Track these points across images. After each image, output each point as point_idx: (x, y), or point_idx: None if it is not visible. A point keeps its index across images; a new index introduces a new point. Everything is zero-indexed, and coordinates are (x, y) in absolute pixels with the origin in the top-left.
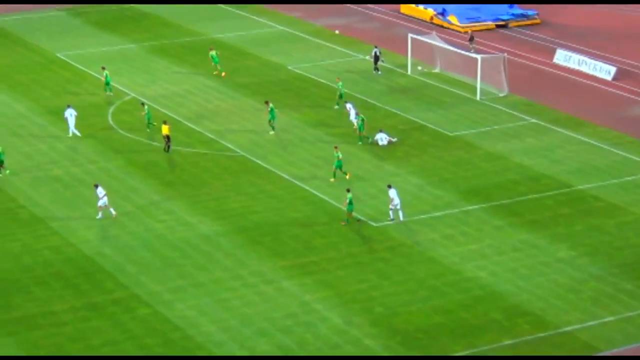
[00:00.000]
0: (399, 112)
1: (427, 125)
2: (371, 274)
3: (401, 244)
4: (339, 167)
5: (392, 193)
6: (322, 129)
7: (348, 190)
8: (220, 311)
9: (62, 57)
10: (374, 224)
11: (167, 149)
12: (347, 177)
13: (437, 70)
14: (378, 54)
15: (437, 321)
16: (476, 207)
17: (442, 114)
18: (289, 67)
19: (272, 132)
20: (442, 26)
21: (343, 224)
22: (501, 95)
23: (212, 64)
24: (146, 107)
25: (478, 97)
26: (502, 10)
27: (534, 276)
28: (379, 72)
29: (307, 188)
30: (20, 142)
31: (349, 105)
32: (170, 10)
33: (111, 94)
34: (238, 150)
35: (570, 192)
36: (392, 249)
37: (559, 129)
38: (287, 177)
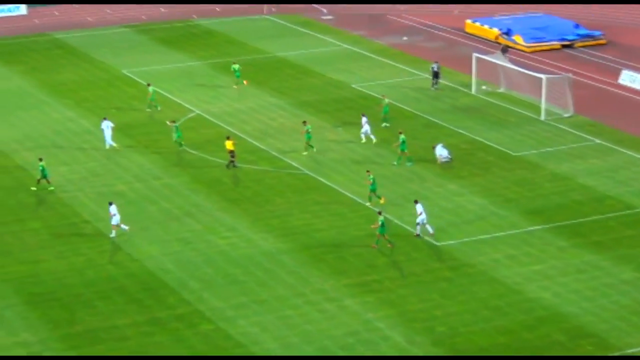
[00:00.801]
0: (462, 132)
1: (491, 145)
2: (433, 293)
3: (464, 263)
4: (374, 190)
5: (419, 208)
6: (386, 147)
7: (380, 213)
8: (283, 328)
9: (128, 74)
10: (437, 244)
11: (230, 164)
12: (382, 202)
13: (501, 89)
14: (437, 69)
15: (500, 342)
16: (540, 227)
17: (506, 134)
18: (353, 85)
19: (305, 153)
20: (507, 46)
21: (374, 246)
22: (566, 115)
23: (235, 77)
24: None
25: (542, 117)
26: (568, 30)
27: (597, 298)
28: (437, 88)
29: (369, 206)
30: (85, 158)
31: (364, 120)
32: (235, 28)
33: (149, 110)
34: (302, 168)
35: (634, 213)
36: (454, 269)
37: (623, 150)
38: (350, 195)
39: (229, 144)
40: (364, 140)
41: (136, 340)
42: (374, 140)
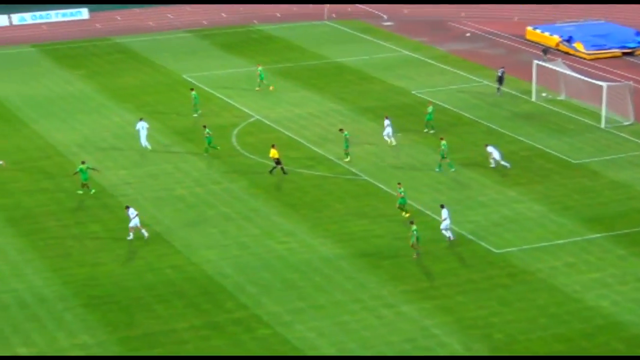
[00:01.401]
0: (522, 139)
1: (551, 152)
2: (491, 301)
3: (522, 270)
4: (403, 203)
5: (444, 213)
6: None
7: (412, 223)
8: (340, 334)
9: (188, 79)
10: (496, 251)
11: (277, 170)
12: (407, 215)
13: (562, 97)
14: (501, 74)
15: (558, 349)
16: (599, 235)
17: (566, 141)
18: (413, 92)
19: (347, 159)
20: (567, 53)
21: (415, 257)
22: (626, 123)
23: (258, 80)
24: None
25: (603, 125)
26: (629, 37)
27: None
28: (500, 93)
29: (429, 213)
30: (144, 162)
31: (387, 122)
32: (296, 34)
33: (196, 115)
34: (360, 174)
35: None
36: (512, 276)
37: None
38: (408, 201)
39: (273, 152)
40: (388, 142)
41: (194, 344)
42: (393, 143)
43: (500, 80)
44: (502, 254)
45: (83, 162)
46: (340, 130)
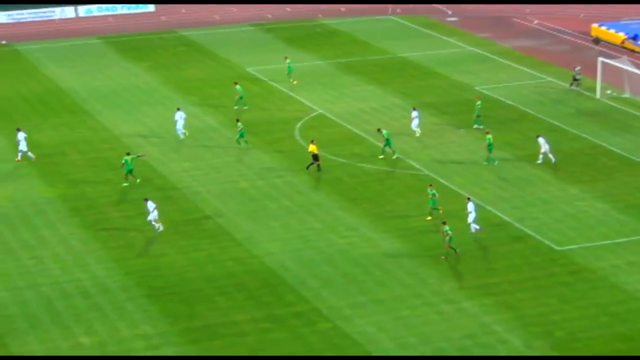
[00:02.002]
0: (586, 136)
1: (614, 150)
2: (552, 298)
3: (584, 268)
4: (434, 205)
5: (470, 207)
6: (508, 151)
7: (444, 223)
8: (400, 328)
9: (252, 72)
10: (557, 248)
11: (310, 167)
12: (429, 218)
13: (626, 95)
14: (576, 73)
15: (619, 348)
16: None
17: (630, 139)
18: (476, 88)
19: (381, 157)
20: (633, 50)
21: (444, 258)
22: None
23: (287, 73)
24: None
25: None
26: None
27: None
28: (575, 86)
29: (490, 209)
30: (208, 155)
31: (415, 113)
32: (360, 28)
33: (245, 108)
34: (422, 169)
35: None
36: (574, 274)
37: None
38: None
39: (312, 148)
40: (416, 133)
41: (254, 337)
42: (417, 134)
43: (575, 78)
44: (563, 251)
45: (128, 154)
46: (379, 130)
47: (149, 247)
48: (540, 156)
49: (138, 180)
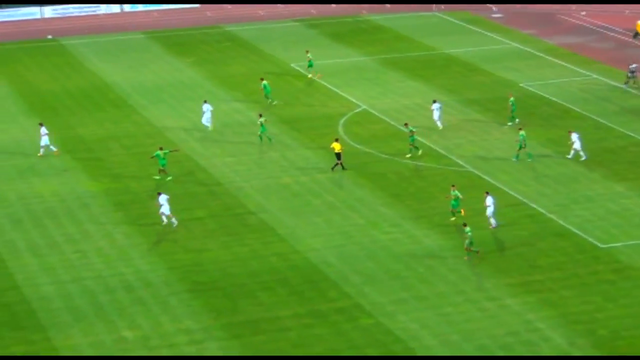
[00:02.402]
0: (631, 134)
1: None
2: (596, 296)
3: (628, 266)
4: (456, 206)
5: (489, 200)
6: (552, 147)
7: (465, 225)
8: (442, 325)
9: (296, 68)
10: (602, 246)
11: (340, 165)
12: (452, 219)
13: None
14: (634, 70)
15: None
16: None
17: None
18: (521, 84)
19: (408, 155)
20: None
21: (466, 258)
22: None
23: (307, 67)
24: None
25: None
26: None
27: None
28: (627, 86)
29: (534, 206)
30: (252, 150)
31: (436, 105)
32: (404, 24)
33: (274, 103)
34: (466, 166)
35: None
36: (618, 271)
37: None
38: (514, 194)
39: (336, 146)
40: (439, 126)
41: (297, 332)
42: (440, 127)
43: (632, 73)
44: (607, 249)
45: (161, 148)
46: (405, 124)
47: (192, 242)
48: (572, 151)
49: (169, 177)
